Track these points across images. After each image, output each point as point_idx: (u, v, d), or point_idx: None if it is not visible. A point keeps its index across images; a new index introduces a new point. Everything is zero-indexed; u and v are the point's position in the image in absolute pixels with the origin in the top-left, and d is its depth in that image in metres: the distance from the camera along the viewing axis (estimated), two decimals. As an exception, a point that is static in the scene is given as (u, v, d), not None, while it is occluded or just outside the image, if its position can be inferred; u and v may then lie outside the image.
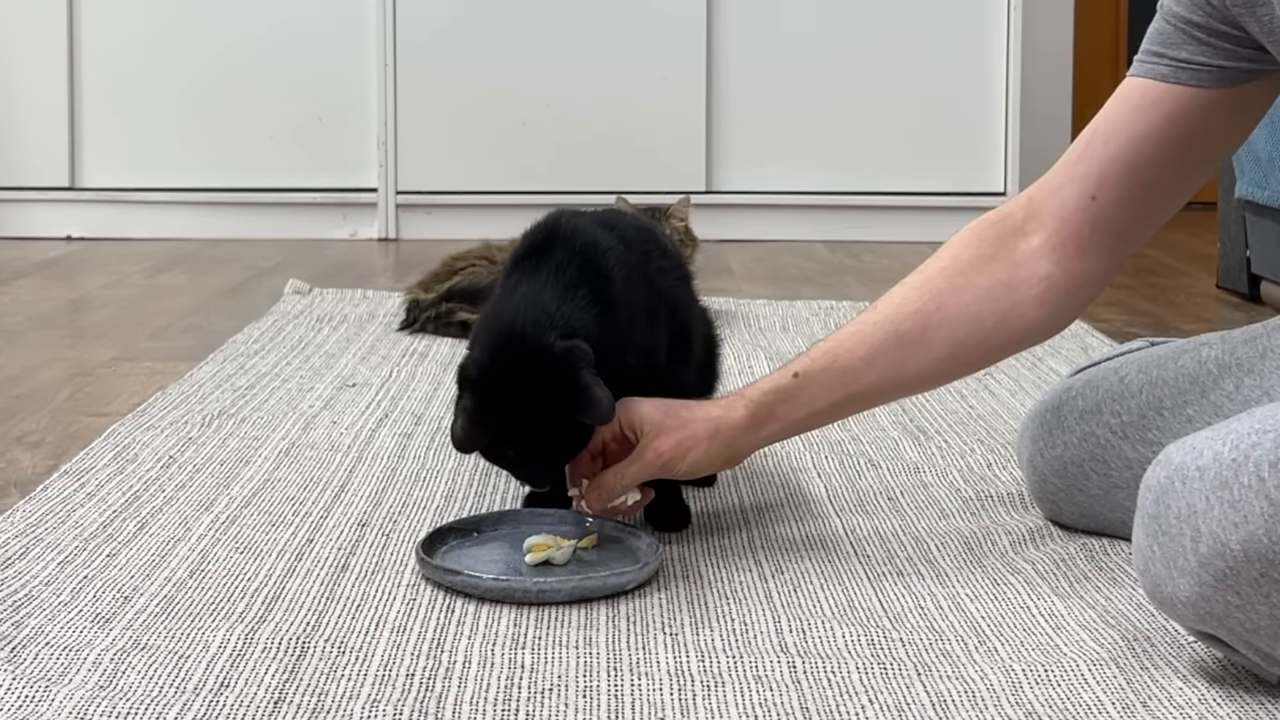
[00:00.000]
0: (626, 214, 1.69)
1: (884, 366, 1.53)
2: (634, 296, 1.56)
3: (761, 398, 1.54)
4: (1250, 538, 1.12)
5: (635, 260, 1.59)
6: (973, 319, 1.52)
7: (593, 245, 1.54)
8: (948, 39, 4.20)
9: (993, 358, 1.58)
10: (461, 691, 1.20)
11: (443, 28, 4.17)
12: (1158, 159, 1.48)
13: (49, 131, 4.16)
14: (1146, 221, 1.53)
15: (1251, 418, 1.16)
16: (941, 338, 1.52)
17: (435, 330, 2.68)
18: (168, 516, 1.63)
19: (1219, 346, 1.52)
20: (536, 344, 1.46)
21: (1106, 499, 1.55)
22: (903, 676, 1.23)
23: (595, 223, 1.60)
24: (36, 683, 1.20)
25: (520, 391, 1.46)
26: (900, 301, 1.54)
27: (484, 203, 4.08)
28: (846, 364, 1.53)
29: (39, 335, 2.77)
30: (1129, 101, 1.49)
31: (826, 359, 1.54)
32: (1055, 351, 2.50)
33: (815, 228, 4.18)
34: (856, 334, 1.54)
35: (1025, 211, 1.53)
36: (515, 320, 1.48)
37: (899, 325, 1.52)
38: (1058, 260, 1.51)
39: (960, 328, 1.52)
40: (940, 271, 1.54)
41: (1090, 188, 1.49)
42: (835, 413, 1.59)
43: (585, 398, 1.45)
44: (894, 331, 1.52)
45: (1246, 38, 1.41)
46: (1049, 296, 1.52)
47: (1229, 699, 1.18)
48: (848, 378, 1.53)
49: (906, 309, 1.53)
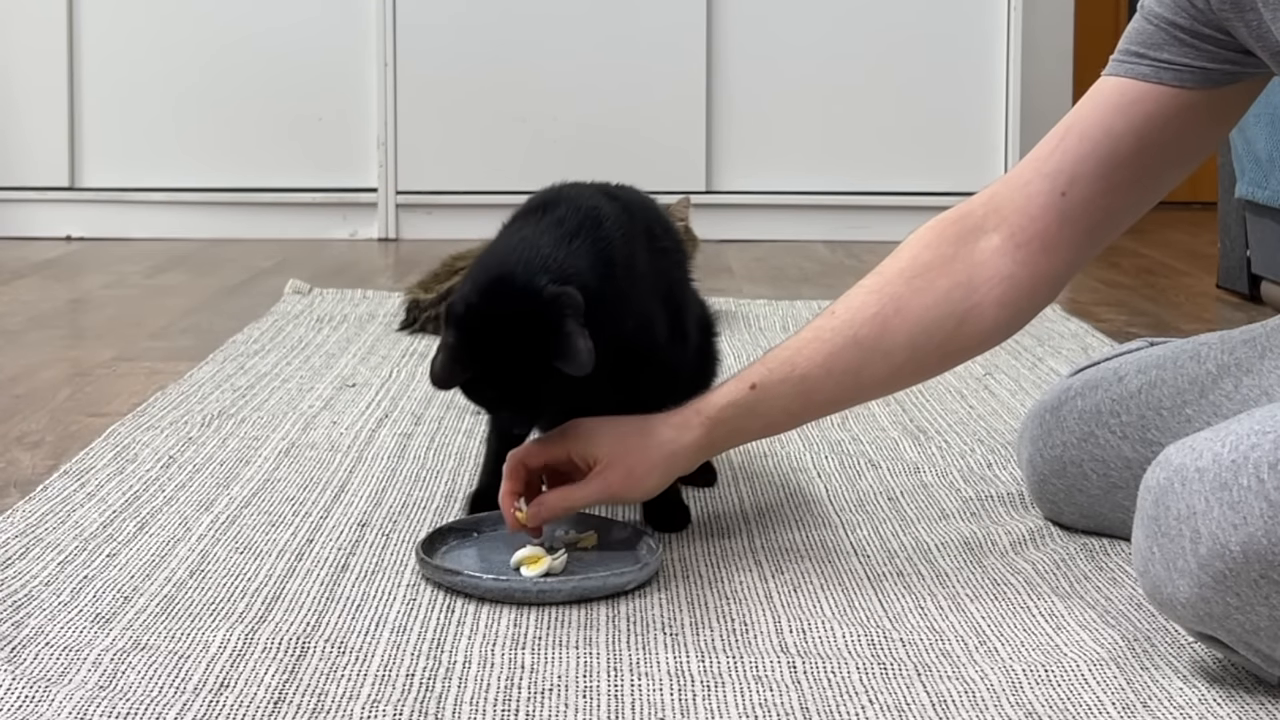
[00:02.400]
0: (629, 188, 1.66)
1: (842, 373, 1.49)
2: (636, 263, 1.53)
3: (718, 414, 1.50)
4: (1250, 539, 1.12)
5: (639, 231, 1.56)
6: (932, 322, 1.48)
7: (596, 206, 1.52)
8: (948, 39, 4.20)
9: (952, 361, 1.55)
10: (461, 691, 1.20)
11: (443, 27, 4.18)
12: (1133, 158, 1.46)
13: (49, 131, 4.16)
14: (1114, 221, 1.50)
15: (1251, 419, 1.16)
16: (900, 343, 1.48)
17: (435, 330, 2.68)
18: (168, 516, 1.63)
19: (1218, 347, 1.52)
20: (526, 285, 1.42)
21: (1106, 499, 1.55)
22: (903, 676, 1.23)
23: (600, 191, 1.58)
24: (36, 683, 1.20)
25: (502, 331, 1.41)
26: (859, 306, 1.50)
27: (484, 203, 4.08)
28: (805, 372, 1.49)
29: (39, 335, 2.77)
30: (1107, 100, 1.47)
31: (784, 368, 1.50)
32: (1055, 351, 2.50)
33: (815, 228, 4.19)
34: (814, 340, 1.50)
35: (987, 208, 1.50)
36: (508, 261, 1.45)
37: (857, 330, 1.49)
38: (1021, 259, 1.48)
39: (920, 332, 1.48)
40: (899, 273, 1.51)
41: (1061, 184, 1.47)
42: (793, 422, 1.57)
43: (565, 345, 1.39)
44: (852, 337, 1.49)
45: (1231, 41, 1.41)
46: (1010, 296, 1.48)
47: (1229, 699, 1.18)
48: (806, 386, 1.50)
49: (865, 313, 1.49)
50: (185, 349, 2.58)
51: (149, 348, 2.63)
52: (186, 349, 2.58)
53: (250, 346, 2.57)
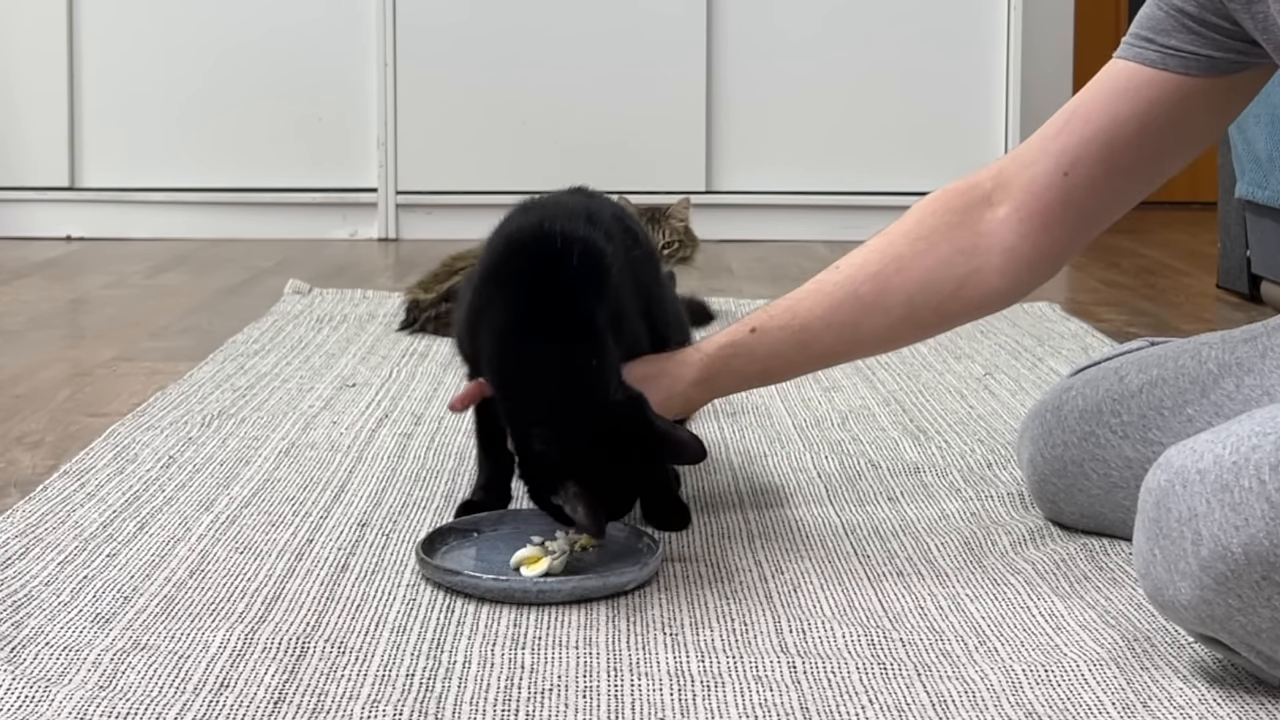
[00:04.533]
0: (598, 197, 1.65)
1: (840, 326, 1.55)
2: (624, 295, 1.53)
3: (717, 352, 1.56)
4: (1251, 541, 1.11)
5: (620, 251, 1.55)
6: (932, 283, 1.54)
7: (590, 242, 1.50)
8: (948, 39, 4.20)
9: (949, 323, 1.60)
10: (461, 691, 1.19)
11: (443, 28, 4.18)
12: (1136, 142, 1.48)
13: (49, 131, 4.16)
14: (1115, 204, 1.54)
15: (1252, 420, 1.16)
16: (899, 301, 1.54)
17: (435, 330, 2.68)
18: (168, 516, 1.63)
19: (1219, 346, 1.52)
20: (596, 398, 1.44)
21: (1106, 499, 1.55)
22: (903, 676, 1.23)
23: (583, 217, 1.54)
24: (36, 683, 1.20)
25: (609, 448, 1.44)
26: (861, 263, 1.56)
27: (484, 203, 4.06)
28: (805, 322, 1.55)
29: (39, 335, 2.77)
30: (1113, 83, 1.49)
31: (785, 316, 1.56)
32: (1055, 352, 2.50)
33: (815, 228, 4.19)
34: (816, 292, 1.56)
35: (994, 182, 1.54)
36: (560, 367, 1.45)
37: (858, 287, 1.54)
38: (1024, 233, 1.52)
39: (919, 291, 1.54)
40: (904, 235, 1.55)
41: (1065, 164, 1.50)
42: (790, 371, 1.63)
43: (676, 446, 1.48)
44: (853, 292, 1.54)
45: (1239, 30, 1.42)
46: (1011, 267, 1.53)
47: (1229, 699, 1.18)
48: (805, 336, 1.56)
49: (867, 270, 1.55)
50: (185, 349, 2.58)
51: (149, 348, 2.63)
52: (186, 349, 2.58)
53: (250, 346, 2.57)
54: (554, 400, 1.43)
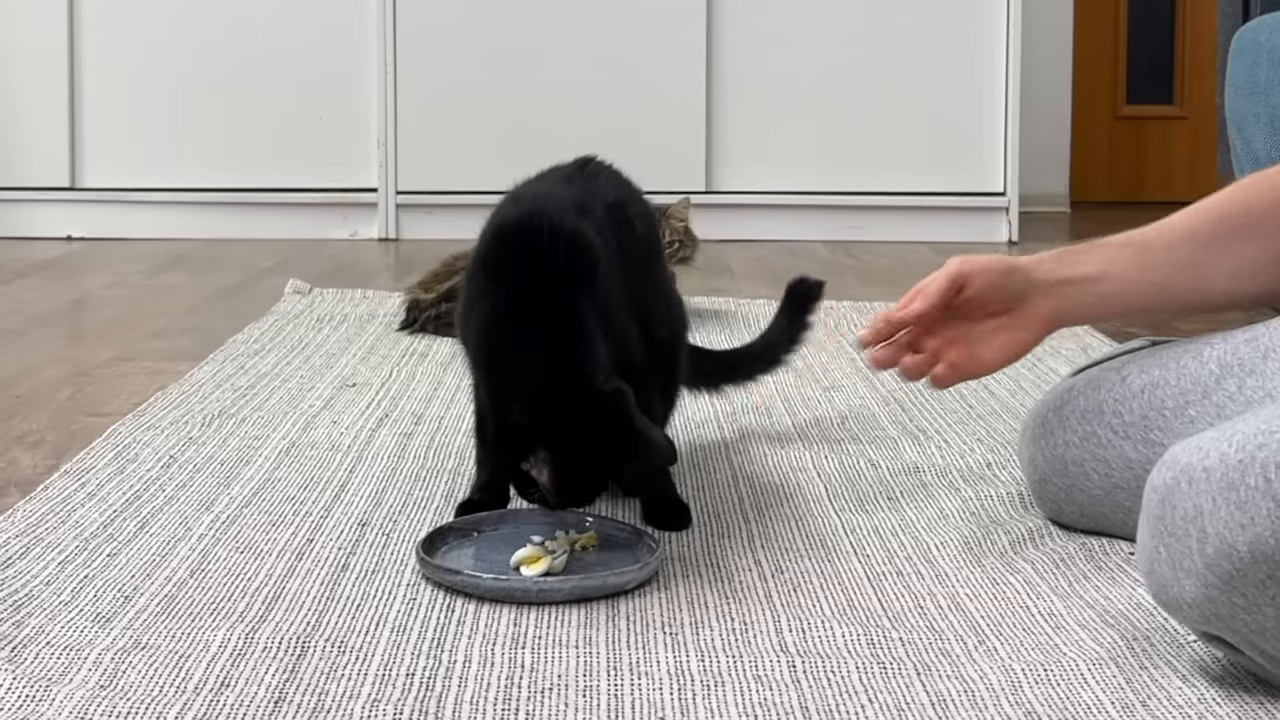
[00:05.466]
0: (592, 174, 1.65)
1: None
2: (612, 290, 1.53)
3: (1107, 243, 1.54)
4: (1257, 539, 1.11)
5: (609, 238, 1.55)
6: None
7: (579, 236, 1.50)
8: (948, 40, 4.20)
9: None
10: (461, 691, 1.20)
11: (443, 28, 4.18)
12: None
13: (49, 131, 4.16)
14: None
15: (1257, 418, 1.16)
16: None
17: (435, 330, 2.68)
18: (168, 516, 1.63)
19: (1221, 346, 1.52)
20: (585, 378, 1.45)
21: (1107, 499, 1.55)
22: (902, 676, 1.23)
23: (573, 207, 1.56)
24: (37, 682, 1.20)
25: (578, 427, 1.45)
26: (1224, 198, 1.54)
27: (484, 203, 4.02)
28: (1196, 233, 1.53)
29: (39, 335, 2.77)
30: None
31: (1176, 233, 1.54)
32: (1055, 351, 2.50)
33: (815, 228, 4.19)
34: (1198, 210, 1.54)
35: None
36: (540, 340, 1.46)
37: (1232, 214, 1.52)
38: None
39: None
40: (1251, 181, 1.53)
41: None
42: (1160, 295, 1.56)
43: (646, 445, 1.46)
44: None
45: None
46: None
47: (1229, 699, 1.18)
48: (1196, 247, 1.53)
49: (1233, 207, 1.53)
50: (185, 349, 2.58)
51: (149, 348, 2.63)
52: (187, 349, 2.58)
53: (250, 346, 2.57)
54: (538, 387, 1.45)
